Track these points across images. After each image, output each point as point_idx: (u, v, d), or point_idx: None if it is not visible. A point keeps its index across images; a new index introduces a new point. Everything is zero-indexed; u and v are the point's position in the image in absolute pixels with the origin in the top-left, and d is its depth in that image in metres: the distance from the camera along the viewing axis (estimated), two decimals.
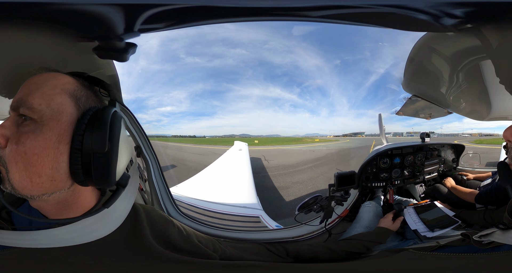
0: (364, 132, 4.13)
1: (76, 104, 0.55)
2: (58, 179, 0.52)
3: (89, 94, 0.59)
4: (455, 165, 1.81)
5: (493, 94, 1.07)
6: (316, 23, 0.74)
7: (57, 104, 0.52)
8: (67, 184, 0.55)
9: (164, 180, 1.42)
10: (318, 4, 0.61)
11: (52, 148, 0.50)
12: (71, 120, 0.53)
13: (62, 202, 0.58)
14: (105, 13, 0.55)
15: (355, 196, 1.54)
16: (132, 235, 0.64)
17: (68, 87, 0.55)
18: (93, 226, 0.59)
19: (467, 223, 1.26)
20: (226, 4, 0.61)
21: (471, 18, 0.64)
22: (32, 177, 0.50)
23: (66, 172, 0.53)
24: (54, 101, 0.52)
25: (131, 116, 1.19)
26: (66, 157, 0.51)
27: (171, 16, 0.61)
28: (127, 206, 0.67)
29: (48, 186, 0.52)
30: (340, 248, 1.01)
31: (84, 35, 0.62)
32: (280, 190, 3.28)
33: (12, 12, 0.49)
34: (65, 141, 0.51)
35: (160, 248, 0.64)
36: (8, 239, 0.55)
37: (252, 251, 0.86)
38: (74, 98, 0.55)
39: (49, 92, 0.52)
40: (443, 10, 0.61)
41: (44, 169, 0.50)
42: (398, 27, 0.78)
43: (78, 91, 0.56)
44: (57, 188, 0.54)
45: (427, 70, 1.17)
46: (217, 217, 1.73)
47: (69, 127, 0.52)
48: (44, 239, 0.56)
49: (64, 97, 0.53)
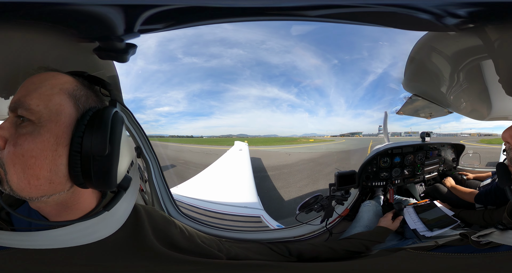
0: (361, 132, 4.13)
1: (75, 104, 0.53)
2: (56, 182, 0.52)
3: (89, 93, 0.57)
4: (455, 164, 1.81)
5: (494, 94, 1.07)
6: (313, 23, 0.73)
7: (55, 105, 0.51)
8: (66, 187, 0.54)
9: (164, 181, 1.42)
10: (320, 3, 0.61)
11: (50, 150, 0.49)
12: (70, 121, 0.51)
13: (62, 204, 0.57)
14: (106, 14, 0.55)
15: (356, 195, 1.54)
16: (133, 236, 0.63)
17: (67, 86, 0.54)
18: (94, 227, 0.59)
19: (467, 223, 1.27)
20: (225, 4, 0.60)
21: (473, 18, 0.64)
22: (30, 179, 0.49)
23: (65, 174, 0.52)
24: (52, 101, 0.51)
25: (132, 117, 1.19)
26: (65, 160, 0.50)
27: (170, 17, 0.61)
28: (128, 207, 0.66)
29: (46, 189, 0.51)
30: (340, 247, 1.01)
31: (85, 36, 0.62)
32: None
33: (13, 12, 0.48)
34: (63, 143, 0.50)
35: (162, 248, 0.63)
36: (7, 240, 0.55)
37: (256, 251, 0.86)
38: (73, 98, 0.53)
39: (47, 92, 0.51)
40: (446, 9, 0.61)
41: (42, 171, 0.49)
42: (400, 26, 0.78)
43: (77, 91, 0.55)
44: (56, 190, 0.53)
45: (428, 70, 1.17)
46: (217, 217, 1.73)
47: (68, 129, 0.51)
48: (44, 240, 0.55)
49: (62, 97, 0.52)
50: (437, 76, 1.18)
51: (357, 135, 4.24)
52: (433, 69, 1.14)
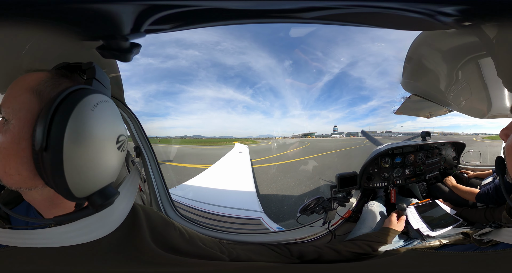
0: (314, 133, 4.17)
1: (37, 98, 0.54)
2: (24, 174, 0.52)
3: (59, 82, 0.56)
4: (456, 163, 1.82)
5: (492, 92, 1.09)
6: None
7: (18, 104, 0.53)
8: (38, 182, 0.53)
9: (163, 181, 1.41)
10: (311, 5, 0.61)
11: (15, 143, 0.52)
12: (30, 116, 0.52)
13: (49, 200, 0.58)
14: (116, 12, 0.54)
15: (358, 196, 1.53)
16: (130, 237, 0.62)
17: (31, 84, 0.55)
18: (91, 227, 0.57)
19: (469, 222, 1.27)
20: (241, 6, 0.60)
21: (469, 16, 0.64)
22: (5, 168, 0.53)
23: (31, 169, 0.51)
24: (17, 101, 0.54)
25: (133, 117, 1.18)
26: (28, 153, 0.51)
27: (179, 18, 0.60)
28: (126, 207, 0.65)
29: (17, 179, 0.53)
30: (346, 249, 1.00)
31: (89, 34, 0.61)
32: None
33: (19, 9, 0.48)
34: (24, 136, 0.51)
35: (160, 251, 0.62)
36: (5, 238, 0.55)
37: (257, 252, 0.85)
38: (35, 93, 0.54)
39: (15, 94, 0.54)
40: (439, 9, 0.61)
41: (11, 161, 0.52)
42: (394, 26, 0.78)
43: (41, 85, 0.55)
44: (28, 184, 0.54)
45: (425, 69, 1.18)
46: (216, 219, 1.72)
47: (28, 123, 0.52)
48: (39, 239, 0.55)
49: (26, 95, 0.54)
50: (435, 75, 1.19)
51: (309, 136, 4.29)
52: (431, 68, 1.15)
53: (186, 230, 0.74)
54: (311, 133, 4.49)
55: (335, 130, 3.42)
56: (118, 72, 0.83)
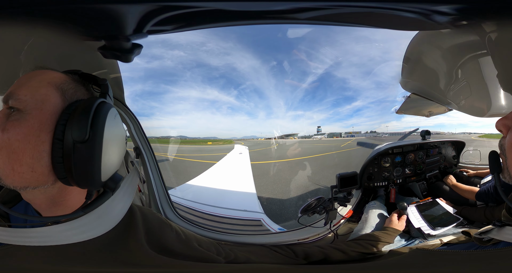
0: (297, 134, 4.16)
1: (62, 95, 0.54)
2: (38, 171, 0.51)
3: (78, 87, 0.58)
4: (456, 162, 1.83)
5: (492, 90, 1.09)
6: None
7: (41, 95, 0.53)
8: (49, 179, 0.53)
9: (163, 182, 1.39)
10: (303, 6, 0.61)
11: (33, 135, 0.50)
12: (54, 110, 0.52)
13: (50, 199, 0.57)
14: (120, 12, 0.54)
15: (358, 196, 1.54)
16: (122, 237, 0.61)
17: (55, 80, 0.55)
18: (88, 226, 0.57)
19: (469, 220, 1.27)
20: (246, 8, 0.60)
21: (466, 14, 0.64)
22: (13, 165, 0.50)
23: (47, 164, 0.51)
24: (38, 92, 0.53)
25: (133, 117, 1.17)
26: (47, 147, 0.51)
27: (182, 19, 0.60)
28: (124, 207, 0.64)
29: (29, 177, 0.51)
30: (350, 248, 1.00)
31: (92, 34, 0.61)
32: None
33: (20, 8, 0.47)
34: (46, 129, 0.51)
35: (152, 252, 0.61)
36: (4, 236, 0.55)
37: (259, 254, 0.84)
38: (60, 90, 0.55)
39: (35, 85, 0.53)
40: (435, 9, 0.61)
41: (24, 157, 0.50)
42: (391, 27, 0.78)
43: (65, 84, 0.56)
44: (39, 182, 0.53)
45: (424, 68, 1.18)
46: (216, 221, 1.71)
47: (52, 117, 0.52)
48: (37, 237, 0.55)
49: (49, 89, 0.54)
50: (434, 74, 1.20)
51: (291, 137, 4.28)
52: (429, 67, 1.16)
53: (184, 231, 0.73)
54: (294, 134, 4.46)
55: (319, 131, 3.44)
56: (119, 73, 0.82)
